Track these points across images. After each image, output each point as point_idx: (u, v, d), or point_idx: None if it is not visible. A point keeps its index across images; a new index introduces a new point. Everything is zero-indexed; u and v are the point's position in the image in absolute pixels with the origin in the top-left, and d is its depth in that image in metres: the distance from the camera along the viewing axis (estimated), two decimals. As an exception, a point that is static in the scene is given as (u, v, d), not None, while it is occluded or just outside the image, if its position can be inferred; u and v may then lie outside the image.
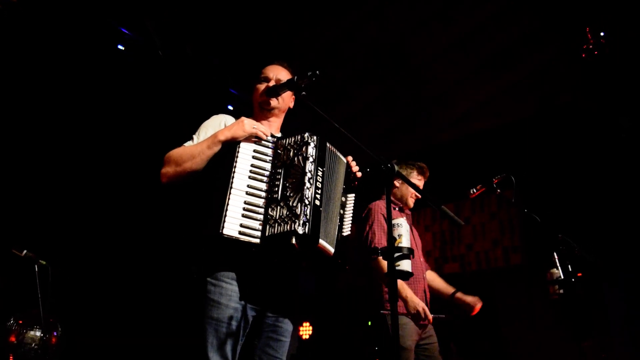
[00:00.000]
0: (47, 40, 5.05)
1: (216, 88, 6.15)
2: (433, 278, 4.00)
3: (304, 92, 2.32)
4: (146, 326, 5.85)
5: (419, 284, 3.71)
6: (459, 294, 3.83)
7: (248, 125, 2.31)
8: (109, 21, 5.23)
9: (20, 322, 4.51)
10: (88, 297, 5.43)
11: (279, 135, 2.40)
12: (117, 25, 5.31)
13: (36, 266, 4.28)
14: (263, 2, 5.33)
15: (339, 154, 2.48)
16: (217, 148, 2.31)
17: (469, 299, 3.79)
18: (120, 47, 5.41)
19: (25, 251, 4.28)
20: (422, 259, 3.90)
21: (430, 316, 3.38)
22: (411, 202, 3.97)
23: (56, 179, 5.38)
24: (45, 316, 4.36)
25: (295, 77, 2.35)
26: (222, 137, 2.30)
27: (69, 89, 5.35)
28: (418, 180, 3.97)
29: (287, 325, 2.39)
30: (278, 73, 2.65)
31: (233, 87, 6.25)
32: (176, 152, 2.37)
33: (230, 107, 6.29)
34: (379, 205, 3.80)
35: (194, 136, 2.48)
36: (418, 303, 3.37)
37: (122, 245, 5.79)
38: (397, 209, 3.93)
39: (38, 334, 4.46)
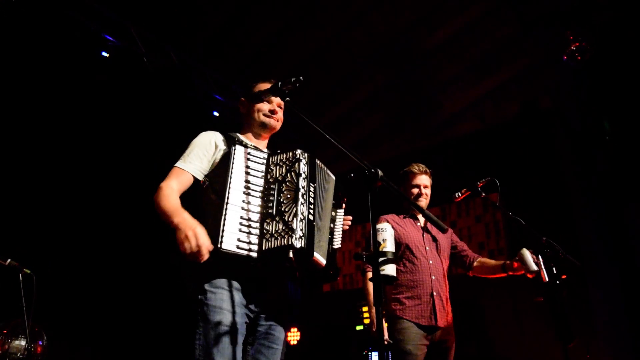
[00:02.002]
0: (29, 47, 5.02)
1: (201, 94, 6.14)
2: (482, 264, 3.83)
3: (288, 98, 2.33)
4: (135, 335, 5.82)
5: (422, 286, 3.59)
6: (507, 263, 3.60)
7: (195, 245, 2.08)
8: (92, 28, 5.21)
9: (5, 331, 4.46)
10: (74, 306, 5.38)
11: (267, 151, 2.42)
12: (100, 32, 5.29)
13: (20, 275, 4.24)
14: (248, 8, 5.34)
15: (328, 171, 2.53)
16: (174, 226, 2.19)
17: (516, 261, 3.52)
18: (104, 54, 5.40)
19: (9, 260, 4.23)
20: (432, 262, 3.69)
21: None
22: (422, 202, 3.81)
23: (40, 186, 5.33)
24: (31, 325, 4.32)
25: (280, 83, 2.36)
26: (180, 227, 2.13)
27: (52, 96, 5.31)
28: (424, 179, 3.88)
29: (280, 334, 2.42)
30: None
31: (218, 94, 6.24)
32: (162, 196, 2.31)
33: (215, 114, 6.27)
34: (389, 218, 3.80)
35: (185, 156, 2.46)
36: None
37: (109, 253, 5.75)
38: (407, 216, 3.92)
39: (23, 343, 4.41)
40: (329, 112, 6.69)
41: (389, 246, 2.30)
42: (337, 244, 2.56)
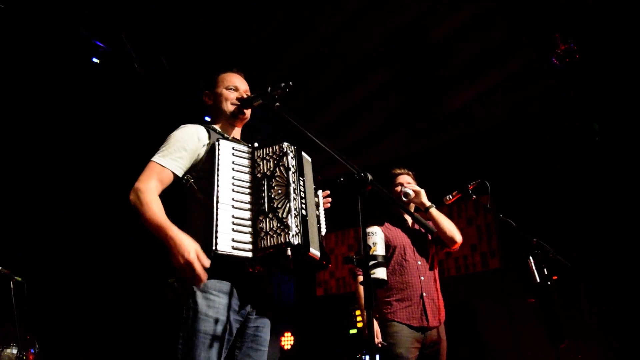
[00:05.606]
0: (20, 53, 5.01)
1: (193, 99, 6.13)
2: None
3: (277, 103, 2.34)
4: (128, 342, 5.79)
5: (412, 288, 3.60)
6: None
7: (200, 269, 2.04)
8: (82, 33, 5.20)
9: (-4, 339, 4.44)
10: (66, 314, 5.36)
11: (250, 145, 2.39)
12: (91, 37, 5.28)
13: (11, 283, 4.23)
14: (238, 13, 5.34)
15: (306, 156, 2.49)
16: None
17: None
18: (94, 59, 5.38)
19: (0, 268, 4.22)
20: (421, 263, 3.71)
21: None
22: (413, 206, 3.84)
23: (30, 193, 5.31)
24: (22, 333, 4.30)
25: (269, 88, 2.37)
26: (175, 243, 2.06)
27: (43, 102, 5.30)
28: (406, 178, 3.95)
29: (266, 335, 2.41)
30: (245, 85, 2.69)
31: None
32: (145, 204, 2.21)
33: (207, 118, 6.24)
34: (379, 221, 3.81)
35: (164, 150, 2.36)
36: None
37: (100, 260, 5.73)
38: (396, 219, 3.91)
39: (15, 351, 4.39)
40: (319, 116, 6.69)
41: (379, 250, 2.31)
42: (323, 229, 2.51)
